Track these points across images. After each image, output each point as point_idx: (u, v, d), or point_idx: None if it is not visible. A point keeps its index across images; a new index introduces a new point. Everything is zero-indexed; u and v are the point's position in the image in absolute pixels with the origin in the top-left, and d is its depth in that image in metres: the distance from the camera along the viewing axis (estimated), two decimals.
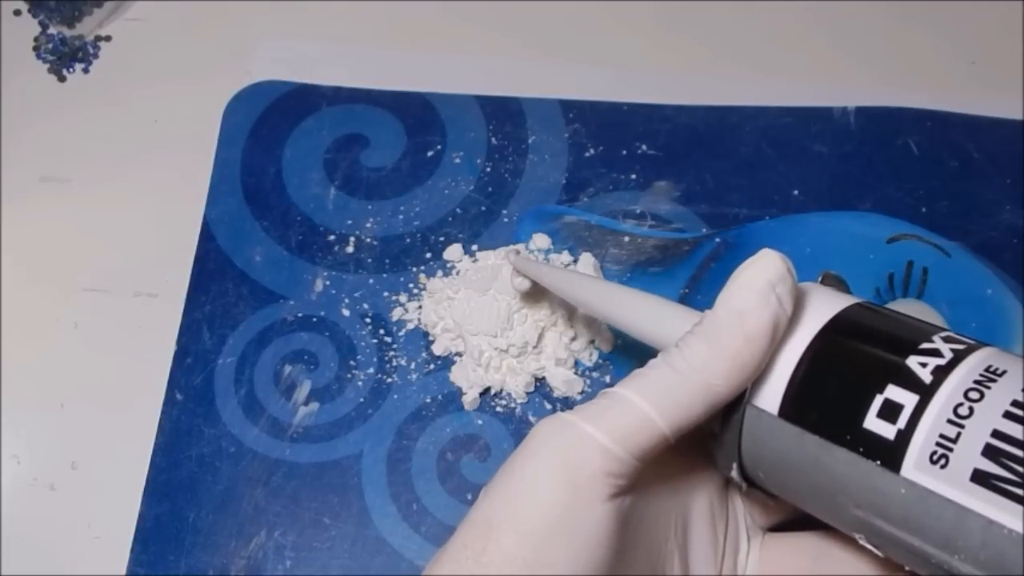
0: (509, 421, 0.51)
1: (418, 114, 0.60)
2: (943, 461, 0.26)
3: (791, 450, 0.30)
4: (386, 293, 0.55)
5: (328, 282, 0.55)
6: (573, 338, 0.52)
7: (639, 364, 0.32)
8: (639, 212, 0.56)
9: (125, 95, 0.63)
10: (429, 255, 0.56)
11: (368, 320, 0.54)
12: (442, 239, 0.56)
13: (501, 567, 0.29)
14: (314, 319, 0.54)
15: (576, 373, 0.52)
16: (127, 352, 0.55)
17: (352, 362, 0.53)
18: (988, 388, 0.26)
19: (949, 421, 0.26)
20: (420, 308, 0.54)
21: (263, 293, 0.55)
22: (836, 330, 0.30)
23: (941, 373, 0.27)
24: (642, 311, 0.36)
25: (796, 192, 0.56)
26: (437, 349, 0.53)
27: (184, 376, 0.53)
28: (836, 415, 0.29)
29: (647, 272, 0.54)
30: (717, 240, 0.54)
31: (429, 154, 0.59)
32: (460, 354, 0.52)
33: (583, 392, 0.52)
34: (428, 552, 0.49)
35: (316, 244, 0.56)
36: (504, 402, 0.52)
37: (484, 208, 0.57)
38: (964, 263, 0.52)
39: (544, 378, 0.52)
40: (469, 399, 0.51)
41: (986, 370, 0.27)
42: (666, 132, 0.58)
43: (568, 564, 0.29)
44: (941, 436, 0.26)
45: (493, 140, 0.59)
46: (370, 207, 0.57)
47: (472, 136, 0.59)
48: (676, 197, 0.56)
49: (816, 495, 0.30)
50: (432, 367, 0.53)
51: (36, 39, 0.64)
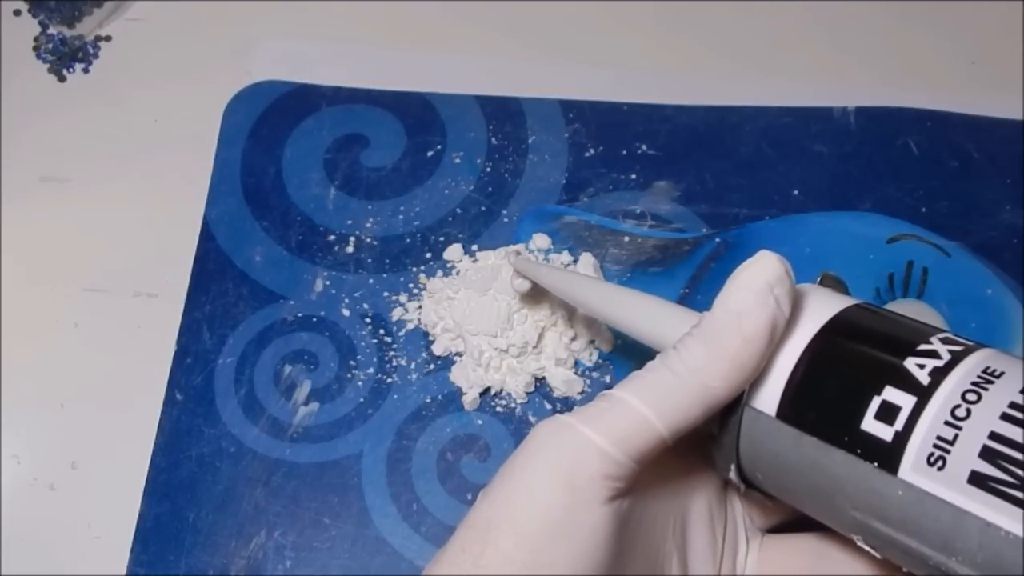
0: (509, 421, 0.51)
1: (418, 114, 0.60)
2: (940, 463, 0.26)
3: (789, 452, 0.30)
4: (386, 293, 0.55)
5: (328, 282, 0.55)
6: (573, 338, 0.52)
7: (639, 364, 0.32)
8: (639, 212, 0.56)
9: (125, 95, 0.63)
10: (429, 255, 0.56)
11: (368, 320, 0.54)
12: (442, 239, 0.56)
13: (499, 569, 0.29)
14: (314, 319, 0.54)
15: (576, 373, 0.52)
16: (127, 352, 0.55)
17: (352, 362, 0.53)
18: (986, 390, 0.26)
19: (946, 423, 0.26)
20: (420, 308, 0.54)
21: (263, 293, 0.55)
22: (834, 331, 0.30)
23: (939, 375, 0.27)
24: (641, 312, 0.36)
25: (796, 192, 0.56)
26: (437, 349, 0.53)
27: (184, 376, 0.53)
28: (834, 417, 0.29)
29: (647, 272, 0.54)
30: (717, 240, 0.54)
31: (429, 154, 0.59)
32: (460, 354, 0.52)
33: (583, 392, 0.52)
34: (428, 552, 0.49)
35: (316, 244, 0.56)
36: (504, 402, 0.52)
37: (484, 208, 0.57)
38: (964, 263, 0.52)
39: (544, 378, 0.52)
40: (469, 399, 0.51)
41: (984, 372, 0.27)
42: (666, 132, 0.58)
43: (566, 566, 0.29)
44: (938, 438, 0.26)
45: (493, 140, 0.59)
46: (370, 207, 0.57)
47: (472, 136, 0.59)
48: (676, 197, 0.56)
49: (814, 497, 0.30)
50: (432, 367, 0.53)
51: (36, 39, 0.64)
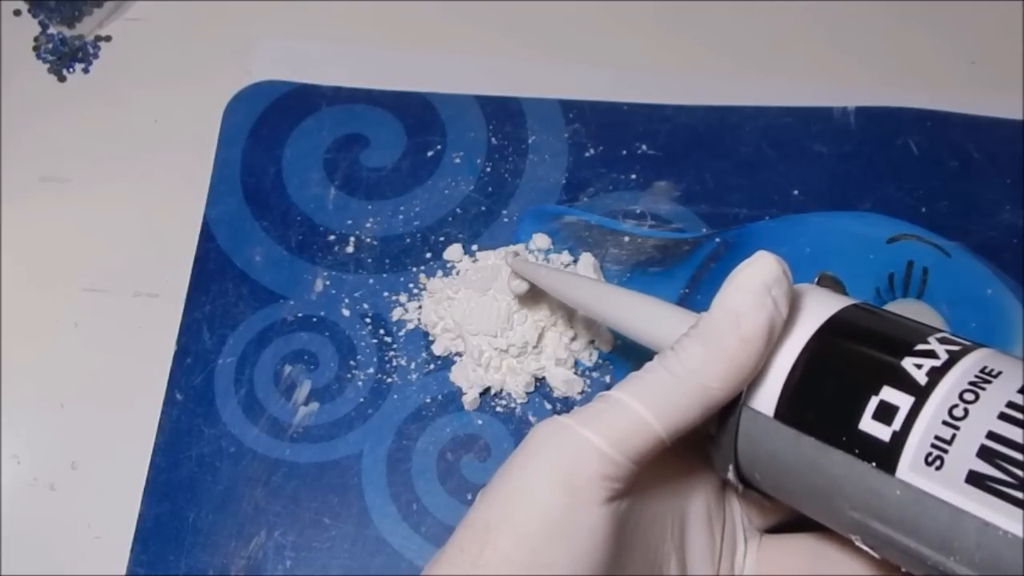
0: (509, 421, 0.51)
1: (418, 114, 0.60)
2: (938, 463, 0.26)
3: (787, 452, 0.30)
4: (386, 293, 0.55)
5: (328, 282, 0.55)
6: (573, 338, 0.52)
7: (639, 364, 0.32)
8: (639, 212, 0.56)
9: (125, 95, 0.63)
10: (429, 255, 0.56)
11: (368, 320, 0.54)
12: (442, 239, 0.56)
13: (498, 569, 0.29)
14: (314, 319, 0.54)
15: (576, 373, 0.52)
16: (127, 352, 0.55)
17: (352, 362, 0.53)
18: (983, 389, 0.26)
19: (944, 423, 0.26)
20: (420, 308, 0.54)
21: (263, 293, 0.55)
22: (832, 331, 0.30)
23: (936, 374, 0.27)
24: (639, 313, 0.36)
25: (796, 192, 0.56)
26: (437, 349, 0.53)
27: (184, 376, 0.53)
28: (832, 417, 0.29)
29: (647, 272, 0.54)
30: (717, 240, 0.54)
31: (429, 154, 0.59)
32: (460, 354, 0.52)
33: (583, 392, 0.52)
34: (428, 552, 0.49)
35: (316, 244, 0.56)
36: (504, 402, 0.52)
37: (484, 208, 0.57)
38: (964, 263, 0.52)
39: (544, 378, 0.52)
40: (469, 399, 0.51)
41: (981, 371, 0.27)
42: (666, 132, 0.58)
43: (565, 566, 0.29)
44: (936, 438, 0.26)
45: (493, 140, 0.59)
46: (370, 207, 0.57)
47: (472, 136, 0.59)
48: (676, 197, 0.56)
49: (812, 497, 0.30)
50: (432, 367, 0.53)
51: (36, 39, 0.64)
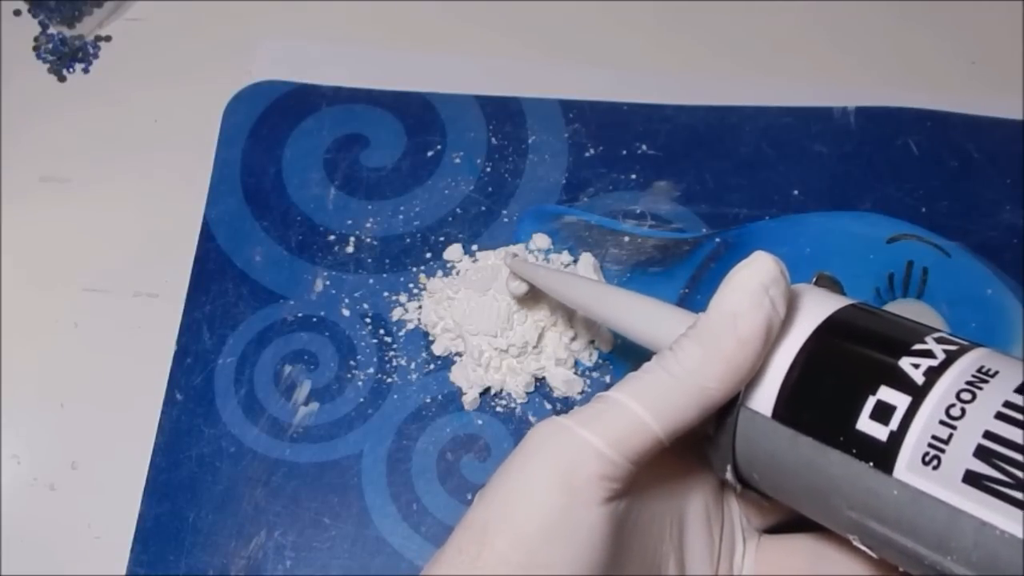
0: (509, 421, 0.51)
1: (418, 114, 0.60)
2: (935, 462, 0.26)
3: (785, 452, 0.30)
4: (386, 293, 0.55)
5: (328, 282, 0.55)
6: (573, 338, 0.52)
7: (639, 364, 0.32)
8: (639, 212, 0.56)
9: (125, 95, 0.63)
10: (429, 255, 0.56)
11: (368, 320, 0.54)
12: (442, 239, 0.56)
13: (496, 569, 0.29)
14: (314, 319, 0.54)
15: (576, 373, 0.52)
16: (127, 352, 0.55)
17: (352, 362, 0.53)
18: (980, 389, 0.26)
19: (941, 422, 0.26)
20: (420, 308, 0.54)
21: (263, 293, 0.55)
22: (829, 332, 0.30)
23: (933, 374, 0.27)
24: (637, 313, 0.36)
25: (796, 192, 0.56)
26: (437, 349, 0.53)
27: (184, 376, 0.53)
28: (829, 417, 0.29)
29: (647, 272, 0.54)
30: (717, 240, 0.54)
31: (429, 154, 0.59)
32: (460, 354, 0.52)
33: (583, 392, 0.52)
34: (428, 552, 0.49)
35: (316, 244, 0.56)
36: (504, 402, 0.52)
37: (484, 208, 0.57)
38: (964, 263, 0.52)
39: (544, 378, 0.52)
40: (469, 399, 0.51)
41: (978, 371, 0.27)
42: (666, 132, 0.58)
43: (563, 567, 0.29)
44: (933, 437, 0.26)
45: (493, 140, 0.59)
46: (370, 207, 0.57)
47: (472, 136, 0.59)
48: (676, 197, 0.56)
49: (810, 497, 0.30)
50: (432, 367, 0.53)
51: (36, 39, 0.64)
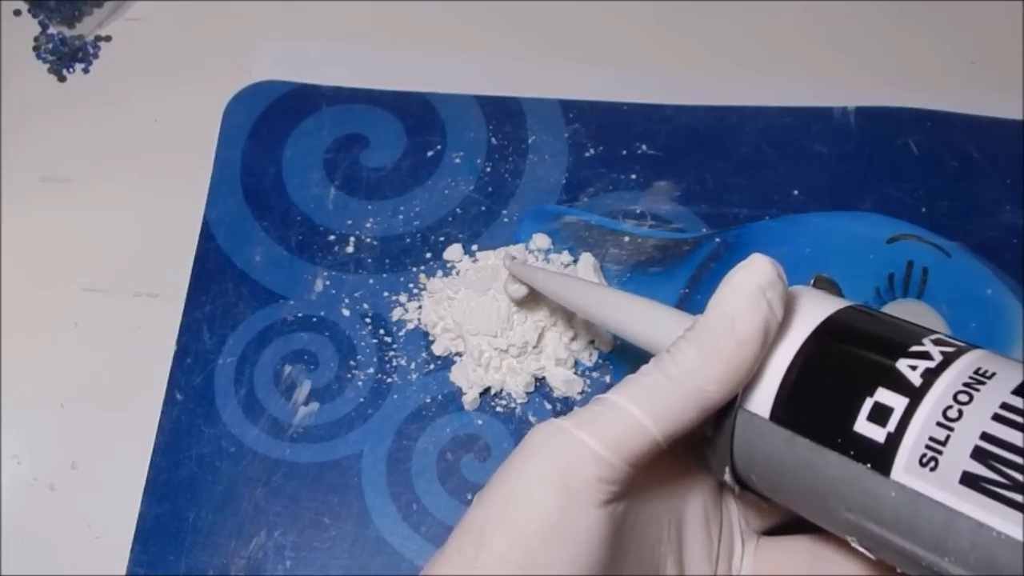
0: (509, 421, 0.51)
1: (418, 114, 0.60)
2: (932, 464, 0.26)
3: (783, 453, 0.30)
4: (386, 293, 0.55)
5: (328, 282, 0.55)
6: (573, 338, 0.52)
7: (639, 364, 0.32)
8: (639, 212, 0.56)
9: (125, 95, 0.63)
10: (429, 255, 0.56)
11: (368, 320, 0.54)
12: (442, 239, 0.56)
13: (494, 570, 0.29)
14: (314, 319, 0.54)
15: (576, 373, 0.52)
16: (127, 352, 0.55)
17: (352, 362, 0.53)
18: (977, 391, 0.26)
19: (938, 424, 0.26)
20: (420, 308, 0.54)
21: (263, 293, 0.55)
22: (827, 333, 0.30)
23: (931, 376, 0.27)
24: (635, 315, 0.36)
25: (796, 192, 0.56)
26: (437, 349, 0.53)
27: (184, 376, 0.53)
28: (827, 418, 0.29)
29: (647, 272, 0.54)
30: (717, 240, 0.54)
31: (429, 154, 0.59)
32: (460, 354, 0.52)
33: (583, 392, 0.52)
34: (428, 552, 0.49)
35: (316, 244, 0.56)
36: (504, 402, 0.52)
37: (484, 208, 0.57)
38: (964, 263, 0.52)
39: (544, 378, 0.52)
40: (469, 399, 0.51)
41: (975, 372, 0.27)
42: (666, 132, 0.58)
43: (561, 568, 0.29)
44: (930, 439, 0.26)
45: (493, 140, 0.59)
46: (370, 207, 0.57)
47: (472, 136, 0.59)
48: (676, 197, 0.56)
49: (808, 498, 0.30)
50: (432, 367, 0.53)
51: (36, 39, 0.64)
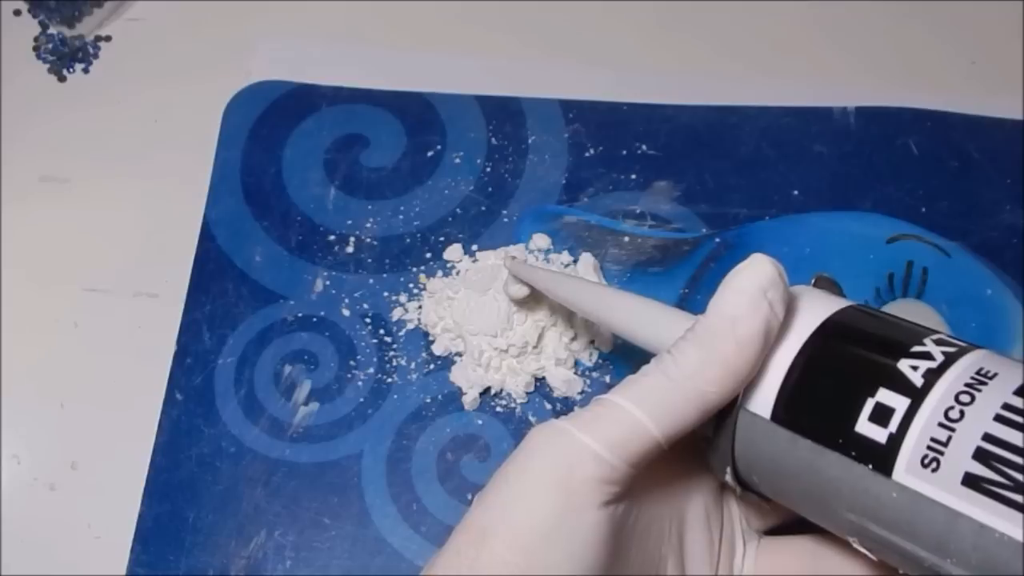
0: (509, 421, 0.51)
1: (418, 114, 0.60)
2: (934, 465, 0.26)
3: (784, 454, 0.30)
4: (386, 293, 0.55)
5: (328, 282, 0.55)
6: (573, 338, 0.52)
7: (639, 364, 0.32)
8: (639, 212, 0.56)
9: (125, 95, 0.63)
10: (429, 255, 0.56)
11: (368, 320, 0.54)
12: (442, 239, 0.56)
13: (495, 572, 0.29)
14: (314, 319, 0.54)
15: (576, 373, 0.52)
16: (127, 352, 0.55)
17: (352, 362, 0.53)
18: (979, 391, 0.26)
19: (940, 424, 0.26)
20: (420, 308, 0.54)
21: (263, 293, 0.55)
22: (828, 333, 0.30)
23: (932, 376, 0.27)
24: (636, 315, 0.36)
25: (796, 192, 0.56)
26: (437, 349, 0.53)
27: (184, 376, 0.53)
28: (828, 419, 0.29)
29: (647, 272, 0.54)
30: (717, 240, 0.54)
31: (429, 154, 0.59)
32: (460, 354, 0.52)
33: (583, 392, 0.52)
34: (428, 552, 0.49)
35: (316, 244, 0.56)
36: (504, 402, 0.52)
37: (484, 208, 0.57)
38: (964, 263, 0.52)
39: (544, 378, 0.52)
40: (469, 399, 0.51)
41: (977, 373, 0.27)
42: (666, 132, 0.58)
43: (561, 570, 0.29)
44: (932, 440, 0.26)
45: (493, 140, 0.59)
46: (370, 207, 0.57)
47: (472, 136, 0.59)
48: (676, 197, 0.56)
49: (810, 499, 0.30)
50: (432, 367, 0.53)
51: (36, 39, 0.64)
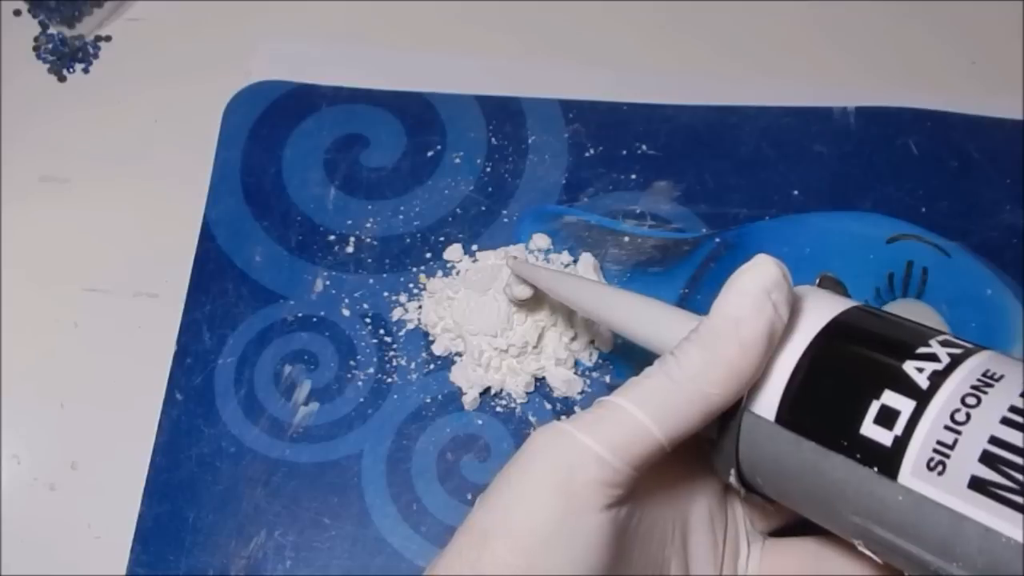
0: (509, 421, 0.51)
1: (418, 114, 0.60)
2: (940, 468, 0.26)
3: (788, 456, 0.30)
4: (386, 293, 0.55)
5: (328, 282, 0.55)
6: (573, 338, 0.52)
7: (639, 364, 0.32)
8: (639, 212, 0.56)
9: (125, 95, 0.63)
10: (429, 255, 0.56)
11: (368, 320, 0.54)
12: (442, 239, 0.56)
13: (496, 574, 0.29)
14: (314, 319, 0.54)
15: (576, 373, 0.52)
16: (127, 352, 0.55)
17: (352, 362, 0.53)
18: (985, 393, 0.26)
19: (946, 427, 0.26)
20: (420, 308, 0.54)
21: (263, 293, 0.55)
22: (833, 334, 0.30)
23: (938, 378, 0.27)
24: (639, 315, 0.36)
25: (796, 192, 0.56)
26: (437, 349, 0.53)
27: (184, 376, 0.53)
28: (833, 421, 0.28)
29: (647, 272, 0.54)
30: (717, 240, 0.54)
31: (429, 154, 0.59)
32: (460, 354, 0.52)
33: (583, 392, 0.52)
34: (428, 552, 0.49)
35: (316, 244, 0.56)
36: (504, 402, 0.52)
37: (484, 208, 0.57)
38: (964, 263, 0.52)
39: (544, 378, 0.52)
40: (469, 399, 0.51)
41: (983, 375, 0.27)
42: (666, 132, 0.58)
43: (563, 572, 0.29)
44: (938, 442, 0.26)
45: (493, 140, 0.59)
46: (370, 207, 0.57)
47: (472, 136, 0.59)
48: (676, 197, 0.56)
49: (814, 501, 0.30)
50: (432, 367, 0.53)
51: (36, 39, 0.64)
